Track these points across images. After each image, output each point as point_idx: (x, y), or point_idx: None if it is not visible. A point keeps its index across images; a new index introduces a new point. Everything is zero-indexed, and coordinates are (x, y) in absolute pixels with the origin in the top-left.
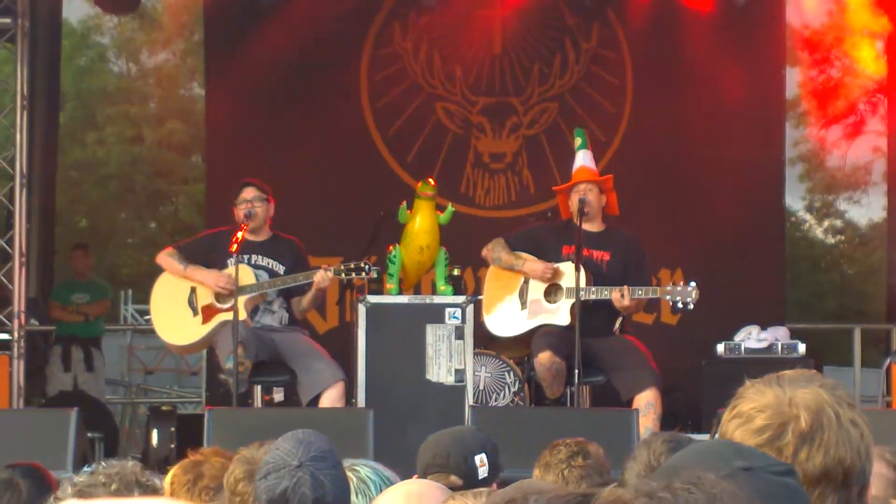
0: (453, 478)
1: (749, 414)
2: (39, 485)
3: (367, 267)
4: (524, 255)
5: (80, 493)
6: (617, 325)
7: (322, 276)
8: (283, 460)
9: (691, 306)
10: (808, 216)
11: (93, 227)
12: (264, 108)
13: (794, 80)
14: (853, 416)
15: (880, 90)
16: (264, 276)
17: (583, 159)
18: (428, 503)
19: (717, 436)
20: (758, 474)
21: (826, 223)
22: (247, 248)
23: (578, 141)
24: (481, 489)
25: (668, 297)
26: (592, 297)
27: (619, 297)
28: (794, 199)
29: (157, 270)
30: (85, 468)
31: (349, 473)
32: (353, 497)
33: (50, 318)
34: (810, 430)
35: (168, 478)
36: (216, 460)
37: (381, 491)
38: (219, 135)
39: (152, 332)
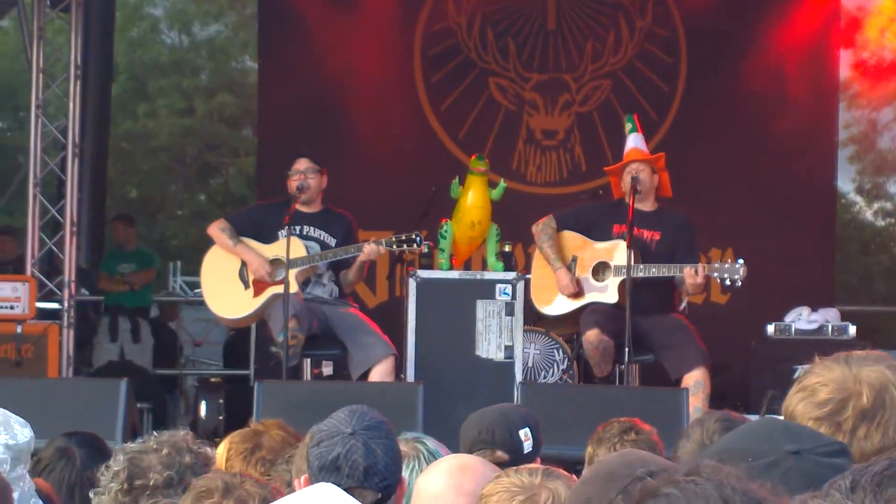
0: (499, 453)
1: (814, 387)
2: (95, 454)
3: (417, 239)
4: (564, 252)
5: (132, 460)
6: (683, 304)
7: (372, 248)
8: (336, 428)
9: (739, 283)
10: (858, 198)
11: (143, 198)
12: (316, 82)
13: (847, 61)
14: None
15: None
16: (315, 247)
17: (634, 142)
18: (472, 477)
19: (780, 409)
20: (805, 457)
21: (876, 205)
22: (299, 218)
23: (629, 126)
24: (536, 466)
25: (715, 275)
26: (641, 274)
27: (693, 272)
28: (845, 181)
29: (206, 243)
30: (121, 436)
31: (417, 445)
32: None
33: (98, 288)
34: (872, 407)
35: (224, 443)
36: (276, 433)
37: None
38: (271, 108)
39: (201, 303)
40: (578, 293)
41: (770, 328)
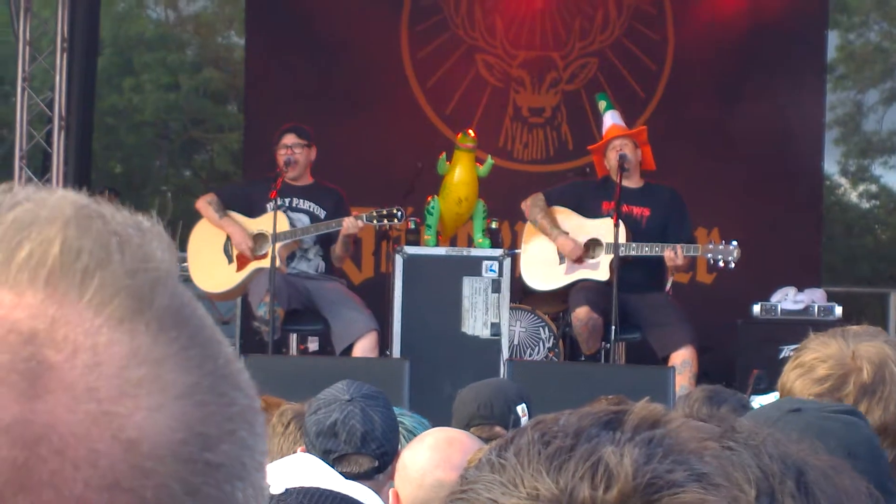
0: (498, 428)
1: (811, 364)
2: None
3: (399, 213)
4: (559, 225)
5: None
6: (669, 284)
7: (350, 223)
8: (334, 396)
9: (732, 265)
10: (842, 180)
11: (128, 173)
12: (303, 58)
13: (833, 43)
14: None
15: None
16: (305, 219)
17: (612, 118)
18: (460, 451)
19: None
20: (808, 413)
21: (861, 188)
22: (288, 191)
23: (603, 104)
24: None
25: (709, 256)
26: (633, 252)
27: (673, 255)
28: (829, 163)
29: (192, 218)
30: None
31: None
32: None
33: None
34: (872, 382)
35: None
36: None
37: None
38: (257, 83)
39: (185, 279)
40: (584, 255)
41: (756, 308)
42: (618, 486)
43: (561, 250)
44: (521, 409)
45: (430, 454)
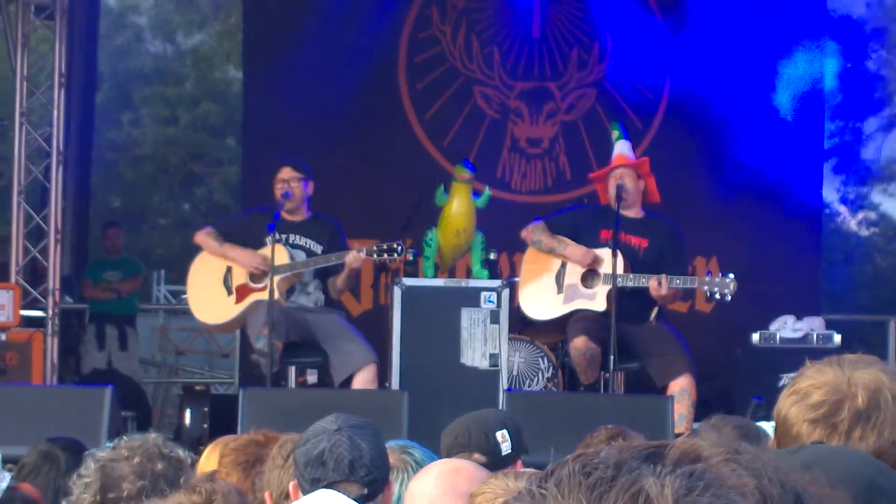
0: (476, 455)
1: (807, 390)
2: (78, 457)
3: (399, 248)
4: (565, 239)
5: (103, 469)
6: (653, 315)
7: (354, 257)
8: (322, 427)
9: (728, 298)
10: (841, 208)
11: (126, 207)
12: (301, 90)
13: (831, 71)
14: None
15: None
16: (302, 255)
17: (620, 148)
18: (466, 479)
19: (764, 417)
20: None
21: (860, 215)
22: (285, 227)
23: (616, 133)
24: (524, 471)
25: (705, 288)
26: (630, 283)
27: (657, 285)
28: (829, 191)
29: (190, 252)
30: (106, 443)
31: (404, 456)
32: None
33: (83, 296)
34: (867, 408)
35: (215, 450)
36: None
37: None
38: (256, 116)
39: (185, 312)
40: (597, 258)
41: (755, 336)
42: None
43: (571, 259)
44: (500, 434)
45: (437, 482)
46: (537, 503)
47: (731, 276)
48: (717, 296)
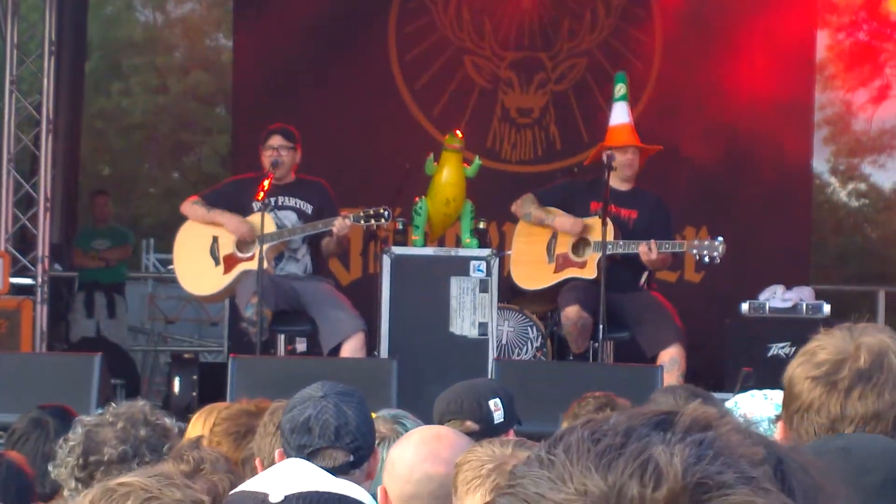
0: (469, 423)
1: (813, 351)
2: (67, 424)
3: (386, 213)
4: (554, 209)
5: (88, 434)
6: (643, 279)
7: (341, 224)
8: (308, 394)
9: (718, 260)
10: (832, 179)
11: (116, 175)
12: (292, 60)
13: (822, 42)
14: None
15: None
16: (292, 216)
17: (622, 115)
18: (448, 446)
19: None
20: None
21: (850, 186)
22: (273, 190)
23: (621, 89)
24: (509, 438)
25: (694, 251)
26: (620, 251)
27: (647, 250)
28: (819, 162)
29: (180, 220)
30: (96, 411)
31: (395, 426)
32: None
33: (72, 264)
34: (868, 369)
35: (203, 418)
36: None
37: None
38: (245, 85)
39: (174, 281)
40: (587, 227)
41: (744, 306)
42: (667, 485)
43: (561, 230)
44: (493, 403)
45: (418, 449)
46: (546, 469)
47: (720, 238)
48: (707, 258)
